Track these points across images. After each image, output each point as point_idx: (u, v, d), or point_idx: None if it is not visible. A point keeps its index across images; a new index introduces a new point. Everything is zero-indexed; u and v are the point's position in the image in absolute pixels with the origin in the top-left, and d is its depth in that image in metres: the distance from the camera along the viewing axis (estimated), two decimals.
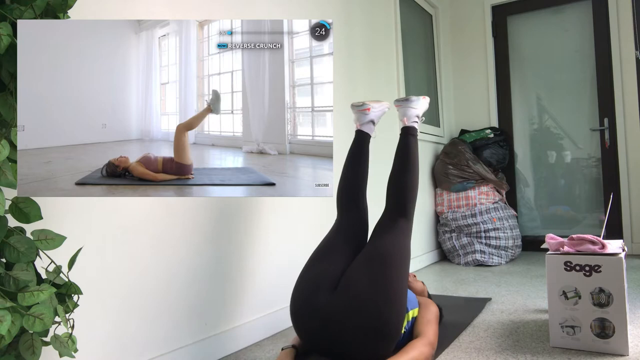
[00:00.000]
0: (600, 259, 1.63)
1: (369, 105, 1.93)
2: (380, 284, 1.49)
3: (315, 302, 1.52)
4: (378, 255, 1.57)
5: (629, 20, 3.62)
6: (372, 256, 1.58)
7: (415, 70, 3.73)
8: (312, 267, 1.64)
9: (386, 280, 1.50)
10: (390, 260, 1.54)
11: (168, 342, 1.62)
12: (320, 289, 1.54)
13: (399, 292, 1.50)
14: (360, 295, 1.47)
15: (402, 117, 1.96)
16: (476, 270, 3.30)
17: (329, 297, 1.52)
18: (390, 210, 1.76)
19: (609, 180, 3.72)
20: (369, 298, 1.47)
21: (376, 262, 1.54)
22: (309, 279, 1.60)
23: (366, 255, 1.60)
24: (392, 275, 1.51)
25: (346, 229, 1.77)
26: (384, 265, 1.52)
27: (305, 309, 1.54)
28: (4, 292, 0.92)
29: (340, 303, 1.48)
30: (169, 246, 1.65)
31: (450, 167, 3.63)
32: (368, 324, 1.45)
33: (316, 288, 1.55)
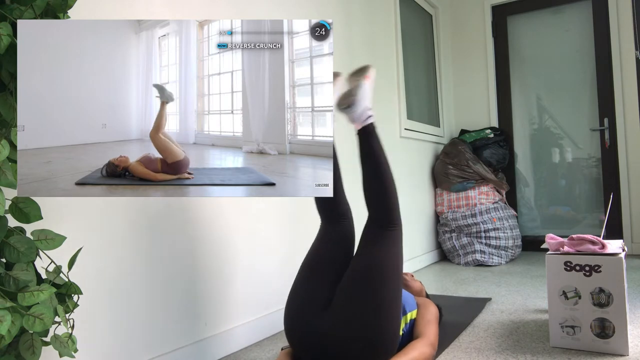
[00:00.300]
0: (600, 259, 1.63)
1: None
2: (374, 301, 1.46)
3: (309, 322, 1.50)
4: (369, 270, 1.51)
5: (629, 20, 3.62)
6: (363, 271, 1.52)
7: (415, 70, 3.73)
8: (302, 283, 1.59)
9: (380, 297, 1.46)
10: (382, 276, 1.50)
11: (168, 342, 1.62)
12: (313, 308, 1.51)
13: (393, 306, 1.48)
14: (354, 314, 1.45)
15: (352, 122, 1.64)
16: (476, 270, 3.30)
17: (322, 317, 1.49)
18: (374, 220, 1.61)
19: (609, 180, 3.72)
20: (364, 316, 1.44)
21: (368, 278, 1.49)
22: (301, 297, 1.56)
23: (357, 270, 1.54)
24: (385, 290, 1.48)
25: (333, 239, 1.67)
26: (377, 281, 1.48)
27: (299, 330, 1.52)
28: (4, 292, 0.92)
29: (335, 322, 1.46)
30: (168, 246, 1.65)
31: (450, 167, 3.63)
32: (364, 341, 1.43)
33: (309, 307, 1.52)
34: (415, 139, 3.54)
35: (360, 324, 1.44)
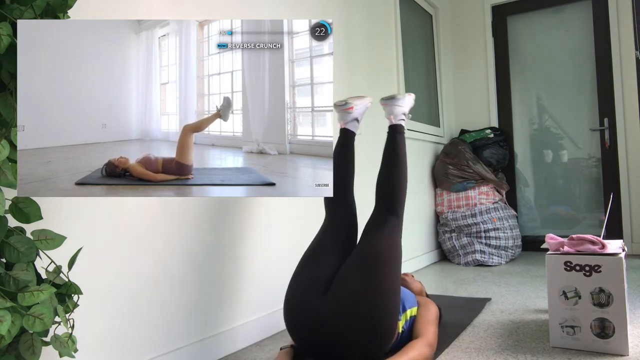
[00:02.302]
0: (600, 259, 1.63)
1: (351, 104, 1.90)
2: (372, 284, 1.48)
3: (308, 306, 1.52)
4: (369, 255, 1.56)
5: (629, 20, 3.62)
6: (363, 256, 1.57)
7: (415, 70, 3.73)
8: (304, 270, 1.63)
9: (378, 281, 1.49)
10: (381, 260, 1.54)
11: (168, 342, 1.62)
12: (313, 293, 1.53)
13: (391, 291, 1.50)
14: (353, 297, 1.47)
15: (389, 115, 1.96)
16: (476, 270, 3.30)
17: (322, 300, 1.51)
18: (380, 210, 1.75)
19: (609, 180, 3.72)
20: (362, 299, 1.46)
21: (367, 263, 1.53)
22: (301, 283, 1.58)
23: (357, 256, 1.59)
24: (384, 275, 1.51)
25: (336, 229, 1.76)
26: (376, 266, 1.52)
27: (299, 314, 1.54)
28: (4, 292, 0.92)
29: (334, 305, 1.47)
30: (168, 246, 1.65)
31: (450, 167, 3.63)
32: (362, 325, 1.44)
33: (309, 292, 1.54)
34: (415, 139, 3.54)
35: (358, 307, 1.45)
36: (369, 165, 2.72)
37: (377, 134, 2.94)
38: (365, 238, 1.69)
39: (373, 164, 2.68)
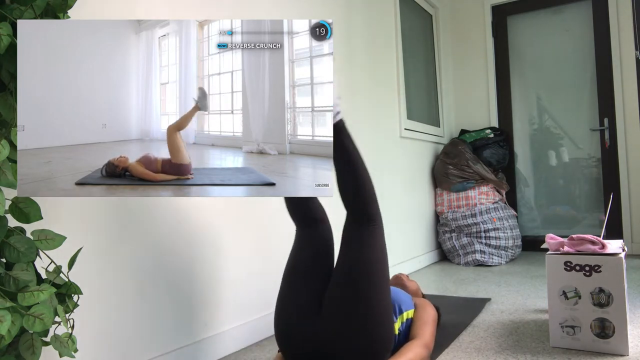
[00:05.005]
0: (600, 259, 1.63)
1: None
2: (362, 300, 1.45)
3: (304, 329, 1.49)
4: (353, 271, 1.49)
5: (629, 20, 3.62)
6: (347, 273, 1.50)
7: (415, 70, 3.73)
8: (289, 291, 1.57)
9: (367, 295, 1.45)
10: (366, 275, 1.48)
11: (168, 342, 1.62)
12: (306, 314, 1.50)
13: (382, 302, 1.47)
14: (345, 316, 1.44)
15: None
16: (476, 270, 3.30)
17: (317, 322, 1.48)
18: (353, 218, 1.57)
19: (609, 180, 3.72)
20: (355, 317, 1.44)
21: (353, 279, 1.48)
22: (290, 305, 1.54)
23: (341, 273, 1.52)
24: (372, 288, 1.47)
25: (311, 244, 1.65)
26: (362, 281, 1.47)
27: (294, 338, 1.50)
28: (4, 292, 0.92)
29: (330, 327, 1.45)
30: (168, 246, 1.65)
31: (450, 167, 3.63)
32: (360, 341, 1.43)
33: (301, 314, 1.50)
34: (415, 139, 3.54)
35: (353, 326, 1.43)
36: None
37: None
38: (346, 251, 1.55)
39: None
